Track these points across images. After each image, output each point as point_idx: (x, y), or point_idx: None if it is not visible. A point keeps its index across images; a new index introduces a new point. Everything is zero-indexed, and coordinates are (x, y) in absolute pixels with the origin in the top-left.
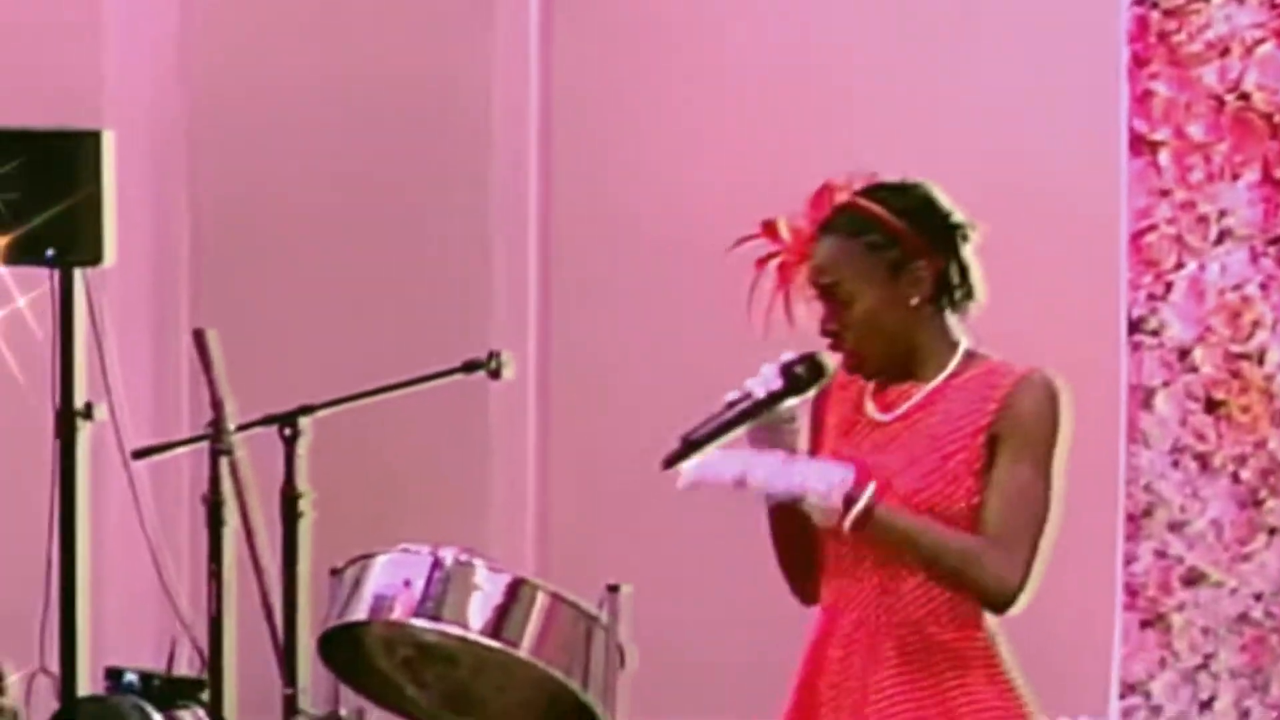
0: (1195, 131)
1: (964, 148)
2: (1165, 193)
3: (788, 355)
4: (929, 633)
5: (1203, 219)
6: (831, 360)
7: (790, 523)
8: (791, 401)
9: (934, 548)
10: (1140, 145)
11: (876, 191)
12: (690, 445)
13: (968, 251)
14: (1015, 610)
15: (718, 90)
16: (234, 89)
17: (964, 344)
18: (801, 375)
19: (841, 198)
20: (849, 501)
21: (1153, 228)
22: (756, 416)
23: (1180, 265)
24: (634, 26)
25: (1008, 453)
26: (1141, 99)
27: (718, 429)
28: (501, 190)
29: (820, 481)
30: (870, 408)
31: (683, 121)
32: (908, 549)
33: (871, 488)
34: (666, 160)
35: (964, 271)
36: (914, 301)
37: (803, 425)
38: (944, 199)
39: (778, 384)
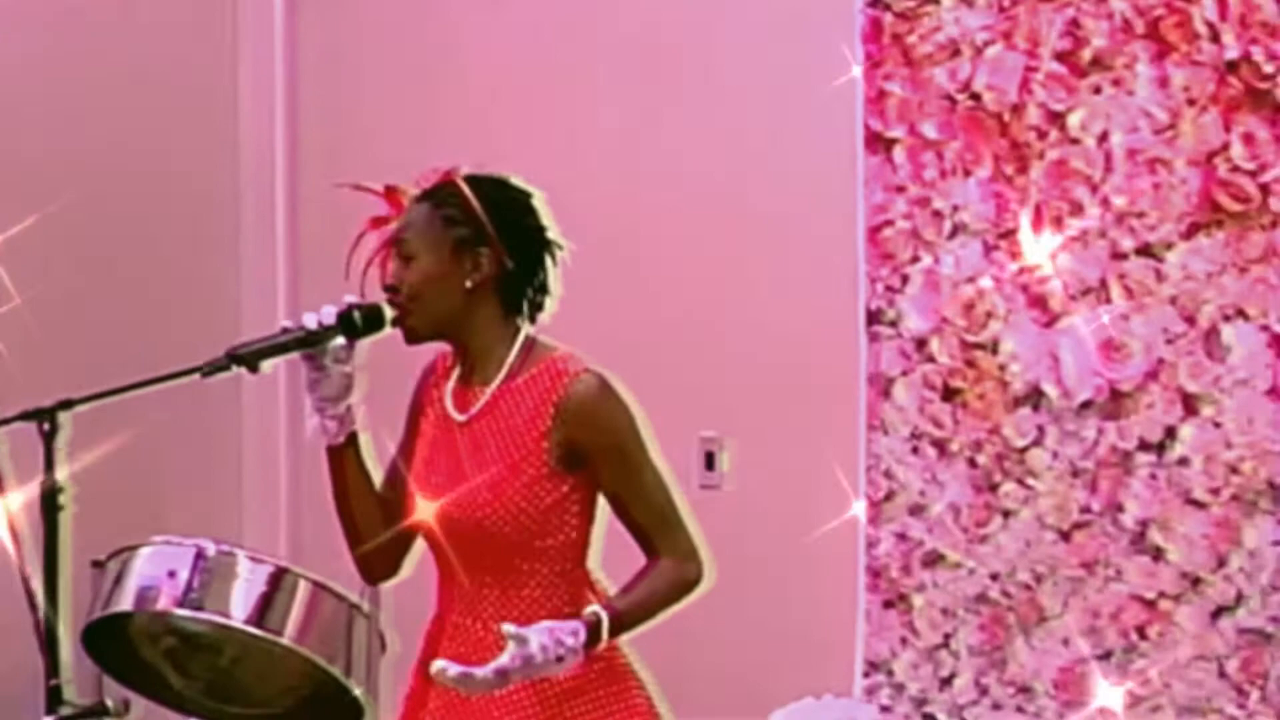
0: (928, 130)
1: (708, 146)
2: (901, 189)
3: (351, 298)
4: None
5: (937, 214)
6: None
7: (345, 493)
8: (339, 341)
9: (661, 606)
10: (876, 143)
11: (481, 180)
12: (234, 359)
13: (550, 269)
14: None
15: (465, 114)
16: None
17: (523, 335)
18: (355, 319)
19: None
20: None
21: (889, 223)
22: (307, 346)
23: (916, 259)
24: (376, 17)
25: (613, 464)
26: (876, 99)
27: (266, 349)
28: (250, 184)
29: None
30: (450, 406)
31: (428, 118)
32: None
33: (605, 624)
34: (412, 154)
35: (541, 286)
36: (468, 284)
37: (355, 371)
38: (543, 213)
39: (331, 320)
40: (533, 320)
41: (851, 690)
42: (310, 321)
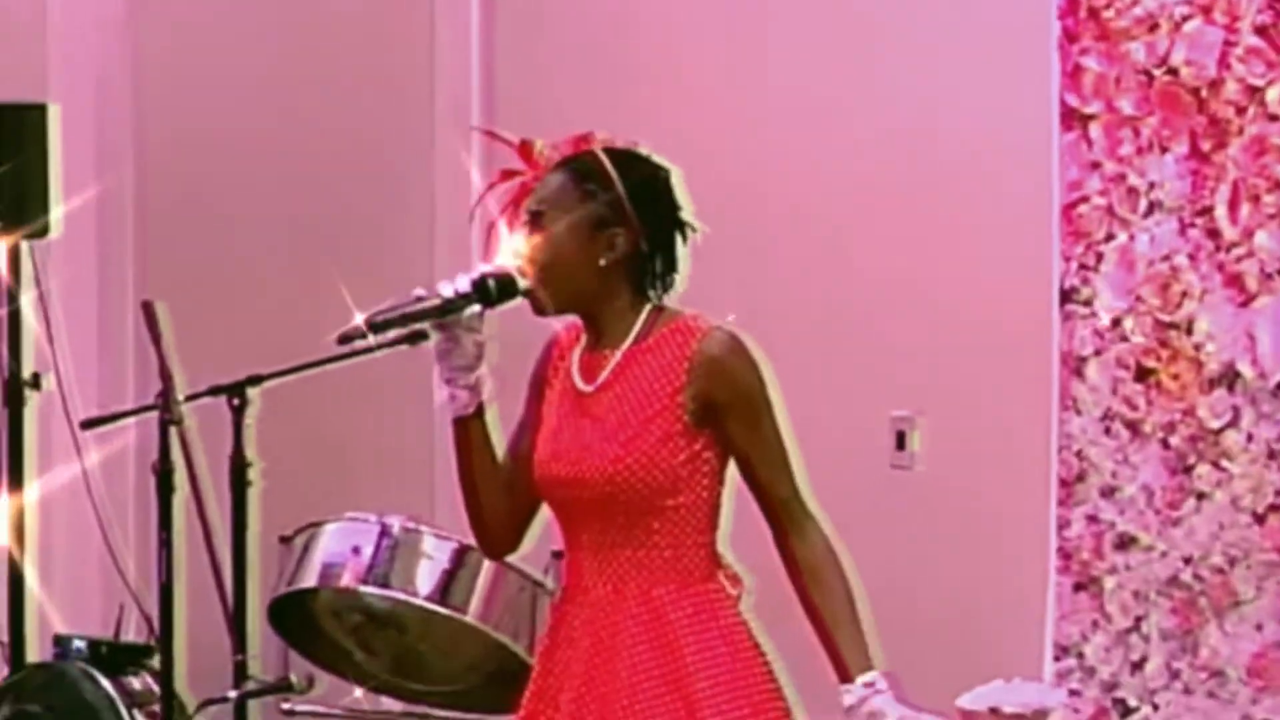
0: (1125, 105)
1: (900, 123)
2: (1096, 165)
3: (485, 267)
4: (654, 595)
5: (1133, 191)
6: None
7: (469, 465)
8: (474, 309)
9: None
10: (1071, 119)
11: (621, 153)
12: (372, 326)
13: (681, 249)
14: None
15: (658, 82)
16: (179, 62)
17: (650, 303)
18: (490, 287)
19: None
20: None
21: (1084, 199)
22: (440, 315)
23: (1111, 236)
24: (574, 20)
25: (746, 420)
26: (1073, 74)
27: (400, 318)
28: (444, 159)
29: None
30: (576, 377)
31: (625, 121)
32: None
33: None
34: (607, 120)
35: (670, 264)
36: (602, 262)
37: (488, 340)
38: (680, 192)
39: (467, 289)
40: (661, 297)
41: (1041, 674)
42: (446, 290)
